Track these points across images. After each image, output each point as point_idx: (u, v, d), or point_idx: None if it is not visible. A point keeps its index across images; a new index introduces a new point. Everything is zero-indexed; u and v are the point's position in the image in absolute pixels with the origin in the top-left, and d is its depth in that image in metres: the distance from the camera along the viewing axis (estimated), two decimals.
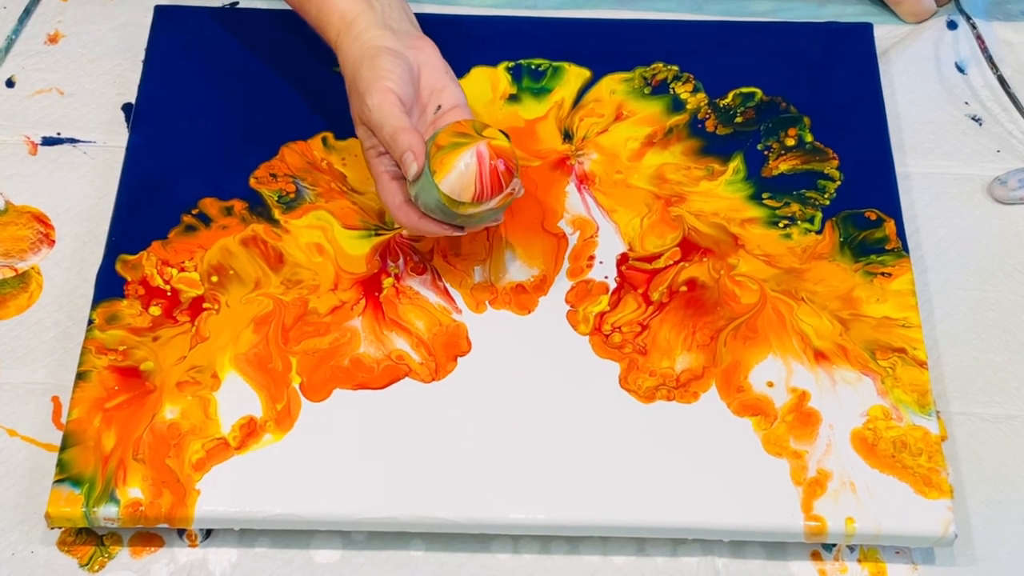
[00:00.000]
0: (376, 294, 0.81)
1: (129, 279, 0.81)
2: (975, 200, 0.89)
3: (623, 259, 0.83)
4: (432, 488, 0.74)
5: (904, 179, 0.89)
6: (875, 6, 0.99)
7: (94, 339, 0.79)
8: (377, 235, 0.84)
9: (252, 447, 0.75)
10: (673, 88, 0.91)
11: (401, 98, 0.77)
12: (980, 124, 0.93)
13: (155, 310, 0.80)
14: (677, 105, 0.90)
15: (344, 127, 0.88)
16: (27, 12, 0.97)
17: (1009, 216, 0.89)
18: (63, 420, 0.77)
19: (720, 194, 0.86)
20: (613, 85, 0.91)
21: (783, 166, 0.87)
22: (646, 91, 0.91)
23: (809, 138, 0.88)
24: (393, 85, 0.77)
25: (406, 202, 0.77)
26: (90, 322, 0.80)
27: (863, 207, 0.85)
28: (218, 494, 0.73)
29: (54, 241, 0.86)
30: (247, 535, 0.76)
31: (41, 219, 0.87)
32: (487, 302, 0.81)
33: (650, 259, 0.83)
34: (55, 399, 0.80)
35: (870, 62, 0.93)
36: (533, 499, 0.74)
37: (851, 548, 0.76)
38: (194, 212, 0.84)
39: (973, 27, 0.95)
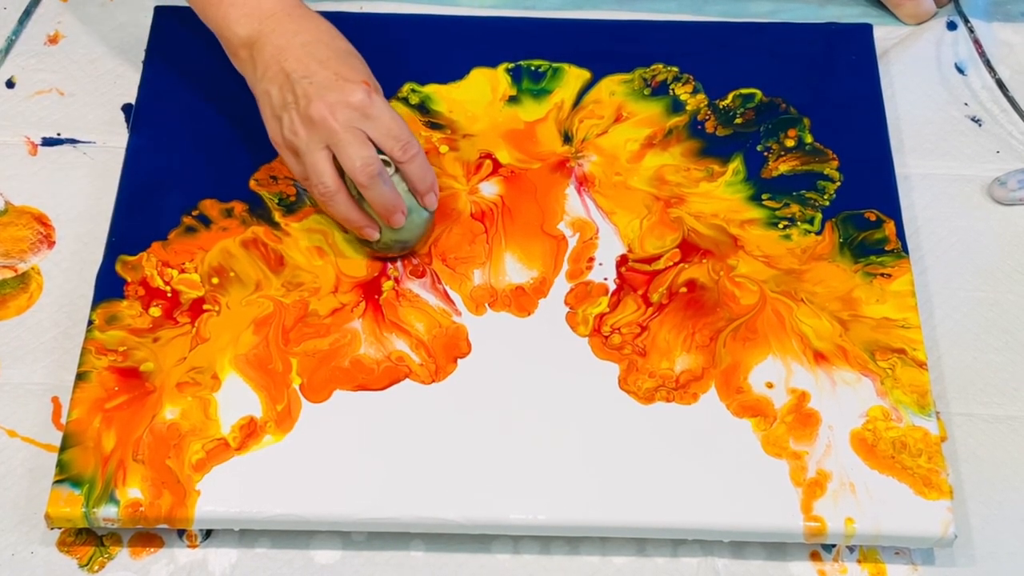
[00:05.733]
0: (376, 297, 0.81)
1: (129, 280, 0.81)
2: (975, 201, 0.89)
3: (623, 261, 0.83)
4: (432, 488, 0.74)
5: (904, 180, 0.89)
6: (875, 7, 0.99)
7: (94, 340, 0.79)
8: None
9: (252, 448, 0.75)
10: (673, 89, 0.91)
11: None
12: (980, 125, 0.93)
13: (155, 311, 0.80)
14: (677, 106, 0.90)
15: None
16: (27, 13, 0.97)
17: (1009, 216, 0.89)
18: (63, 420, 0.77)
19: (720, 195, 0.86)
20: (613, 86, 0.91)
21: (783, 167, 0.87)
22: (646, 92, 0.91)
23: (809, 139, 0.89)
24: None
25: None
26: (90, 323, 0.80)
27: (863, 208, 0.85)
28: (218, 495, 0.74)
29: (54, 242, 0.86)
30: (247, 536, 0.76)
31: (41, 219, 0.87)
32: (487, 304, 0.81)
33: (650, 260, 0.83)
34: (55, 399, 0.80)
35: (870, 63, 0.93)
36: (533, 500, 0.74)
37: (851, 549, 0.76)
38: (194, 213, 0.84)
39: (971, 30, 0.95)
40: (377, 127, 0.78)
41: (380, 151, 0.79)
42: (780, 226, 0.85)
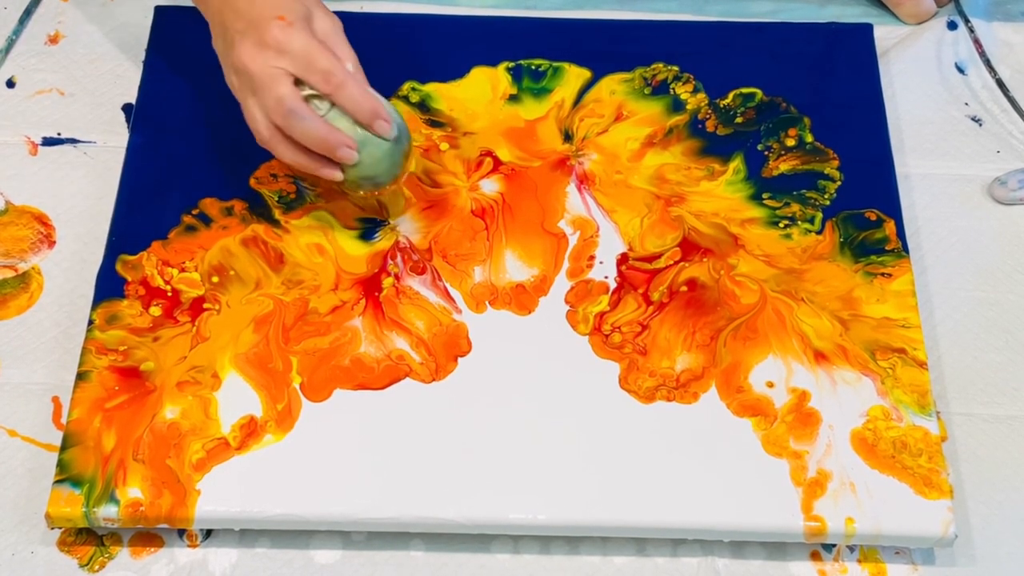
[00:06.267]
0: (376, 294, 0.81)
1: (129, 279, 0.81)
2: (975, 200, 0.89)
3: (623, 259, 0.83)
4: (432, 488, 0.74)
5: (904, 179, 0.89)
6: (875, 7, 0.99)
7: (94, 339, 0.79)
8: (377, 235, 0.84)
9: (252, 447, 0.75)
10: (673, 88, 0.91)
11: None
12: (980, 125, 0.93)
13: (155, 310, 0.80)
14: (677, 105, 0.90)
15: None
16: (27, 13, 0.97)
17: (1009, 216, 0.89)
18: (63, 420, 0.77)
19: (720, 194, 0.86)
20: (613, 85, 0.91)
21: (783, 166, 0.87)
22: (646, 91, 0.91)
23: (809, 138, 0.89)
24: None
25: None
26: (90, 322, 0.80)
27: (863, 207, 0.85)
28: (218, 494, 0.73)
29: (54, 241, 0.86)
30: (247, 535, 0.76)
31: (41, 219, 0.87)
32: (487, 302, 0.81)
33: (650, 259, 0.83)
34: (55, 399, 0.80)
35: (870, 63, 0.93)
36: (533, 499, 0.74)
37: (851, 548, 0.76)
38: (194, 212, 0.84)
39: (971, 30, 0.95)
40: (295, 62, 0.75)
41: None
42: (781, 225, 0.85)
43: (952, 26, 0.98)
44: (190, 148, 0.88)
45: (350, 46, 0.79)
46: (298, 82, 0.76)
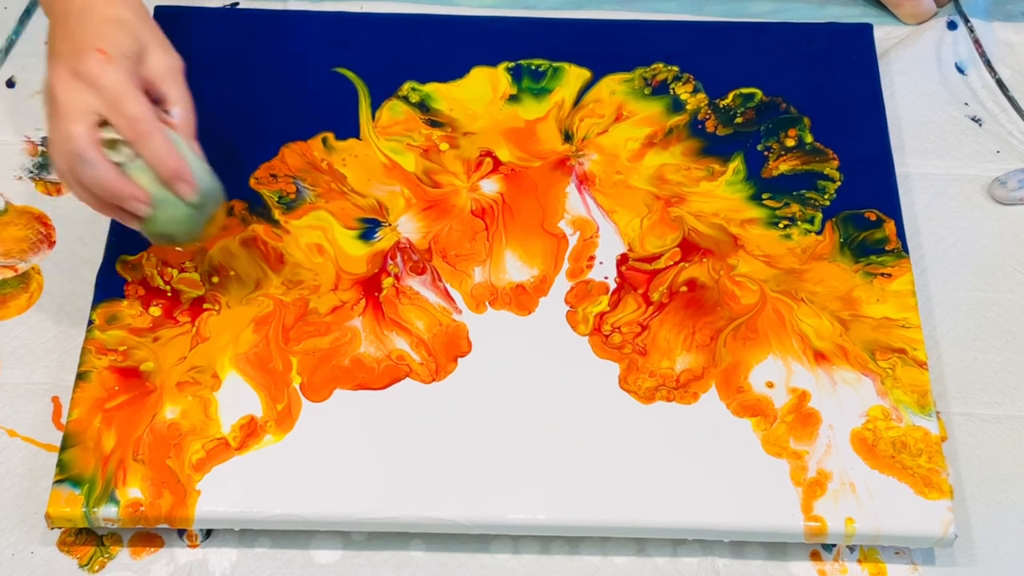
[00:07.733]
0: (376, 294, 0.81)
1: (129, 280, 0.81)
2: (975, 200, 0.89)
3: (623, 259, 0.83)
4: (432, 488, 0.74)
5: (904, 179, 0.89)
6: (875, 7, 0.99)
7: (94, 339, 0.79)
8: (377, 235, 0.84)
9: (252, 447, 0.75)
10: (673, 89, 0.91)
11: None
12: (980, 125, 0.93)
13: (155, 311, 0.80)
14: (677, 106, 0.90)
15: (344, 127, 0.88)
16: (28, 12, 0.97)
17: (1009, 216, 0.89)
18: (63, 420, 0.77)
19: (720, 195, 0.86)
20: (613, 86, 0.91)
21: (783, 167, 0.87)
22: (646, 92, 0.91)
23: (809, 139, 0.89)
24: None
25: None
26: (90, 322, 0.80)
27: (863, 208, 0.85)
28: (218, 494, 0.73)
29: (54, 242, 0.86)
30: (247, 535, 0.76)
31: (41, 219, 0.87)
32: (487, 302, 0.81)
33: (650, 259, 0.83)
34: (55, 399, 0.80)
35: (870, 63, 0.93)
36: (533, 499, 0.74)
37: (851, 548, 0.76)
38: None
39: (971, 30, 0.95)
40: (104, 101, 0.69)
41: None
42: (780, 225, 0.85)
43: (952, 26, 0.98)
44: None
45: (187, 89, 0.74)
46: (107, 122, 0.70)
